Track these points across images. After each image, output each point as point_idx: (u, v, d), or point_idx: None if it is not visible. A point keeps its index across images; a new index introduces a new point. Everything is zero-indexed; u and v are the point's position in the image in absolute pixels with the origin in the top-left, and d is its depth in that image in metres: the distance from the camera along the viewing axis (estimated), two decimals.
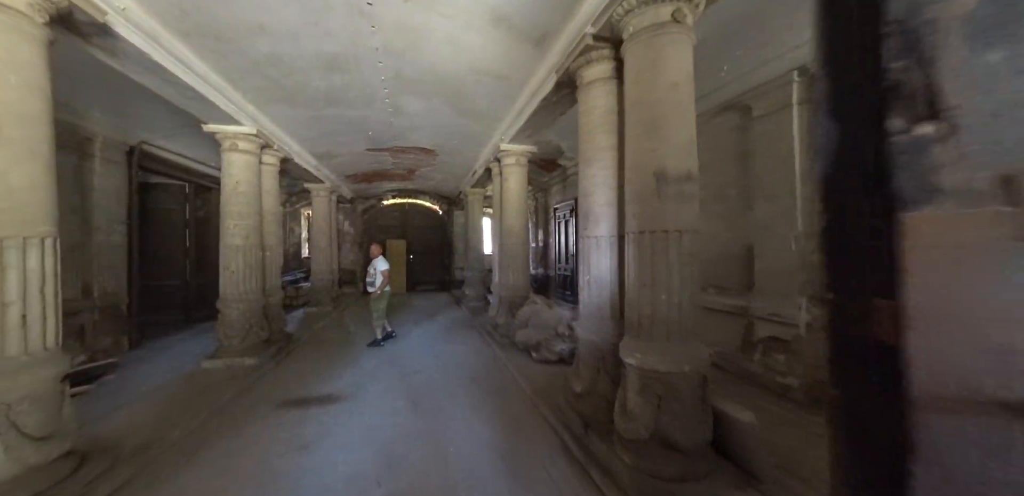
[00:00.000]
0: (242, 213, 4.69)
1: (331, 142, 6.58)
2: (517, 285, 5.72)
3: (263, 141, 4.91)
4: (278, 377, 4.33)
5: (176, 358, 4.91)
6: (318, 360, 4.96)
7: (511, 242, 5.74)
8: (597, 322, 2.87)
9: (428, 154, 7.70)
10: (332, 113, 5.29)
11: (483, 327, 6.62)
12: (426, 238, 12.93)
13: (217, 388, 3.82)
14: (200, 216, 7.28)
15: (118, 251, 5.17)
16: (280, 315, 5.54)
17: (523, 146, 5.65)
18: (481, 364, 4.76)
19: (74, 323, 4.55)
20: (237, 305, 4.60)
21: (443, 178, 9.97)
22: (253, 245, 4.79)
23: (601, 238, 2.87)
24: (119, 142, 5.09)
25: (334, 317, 7.97)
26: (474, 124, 5.70)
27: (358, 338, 6.21)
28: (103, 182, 4.94)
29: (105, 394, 3.66)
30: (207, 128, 4.52)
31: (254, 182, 4.83)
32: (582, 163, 3.02)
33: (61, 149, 4.66)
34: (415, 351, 5.40)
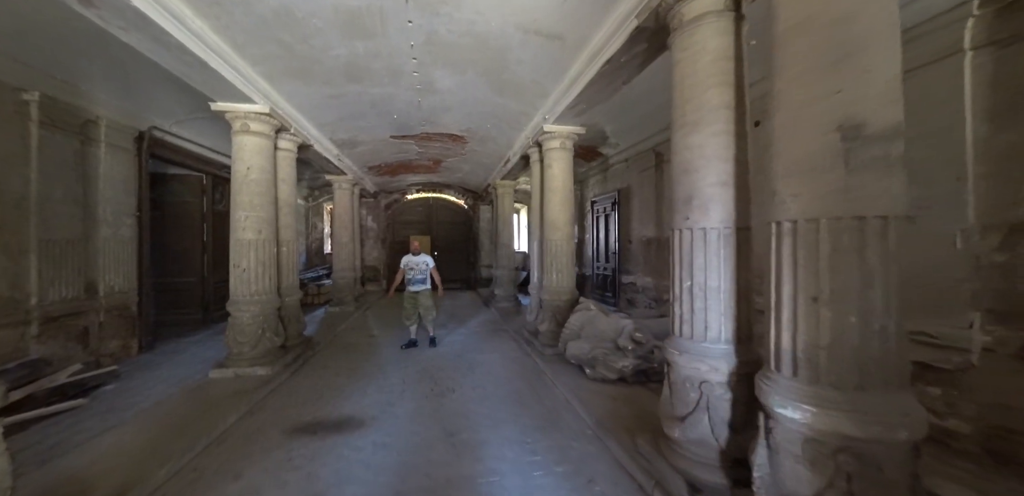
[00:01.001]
0: (254, 203, 4.14)
1: (353, 127, 6.00)
2: (561, 287, 4.97)
3: (278, 123, 4.34)
4: (293, 391, 3.76)
5: (185, 364, 4.44)
6: (339, 370, 4.38)
7: (555, 238, 4.99)
8: (704, 346, 2.10)
9: (457, 141, 7.03)
10: (354, 91, 4.67)
11: (519, 333, 5.92)
12: (451, 234, 12.35)
13: (222, 406, 3.27)
14: (219, 209, 6.87)
15: (127, 246, 4.75)
16: (298, 317, 5.01)
17: (569, 127, 4.88)
18: (524, 381, 4.05)
19: (77, 325, 4.13)
20: (248, 307, 4.06)
21: (471, 170, 9.30)
22: (267, 240, 4.25)
23: (711, 230, 2.09)
24: (127, 127, 4.64)
25: (357, 318, 7.46)
26: (512, 102, 4.97)
27: (383, 342, 5.64)
28: (110, 170, 4.50)
29: (97, 411, 3.17)
30: (215, 107, 3.98)
31: (268, 168, 4.28)
32: (680, 130, 2.24)
33: (58, 130, 4.01)
34: (447, 361, 4.75)
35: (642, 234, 6.57)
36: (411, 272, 5.24)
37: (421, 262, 5.28)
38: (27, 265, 3.68)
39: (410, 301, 5.26)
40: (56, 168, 3.88)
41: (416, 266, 5.25)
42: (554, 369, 4.25)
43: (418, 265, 5.26)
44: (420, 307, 5.26)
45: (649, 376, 3.76)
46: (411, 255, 5.31)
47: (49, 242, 3.83)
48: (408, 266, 5.26)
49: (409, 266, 5.25)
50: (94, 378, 3.61)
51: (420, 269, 5.27)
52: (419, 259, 5.29)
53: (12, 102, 3.56)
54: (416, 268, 5.25)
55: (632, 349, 3.63)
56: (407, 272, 5.25)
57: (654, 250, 6.22)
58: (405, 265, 5.27)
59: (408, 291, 5.27)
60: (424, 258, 5.31)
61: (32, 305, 3.71)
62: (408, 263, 5.26)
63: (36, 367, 3.53)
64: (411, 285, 5.24)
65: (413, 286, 5.25)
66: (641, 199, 6.59)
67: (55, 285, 3.89)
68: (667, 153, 5.71)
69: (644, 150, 6.27)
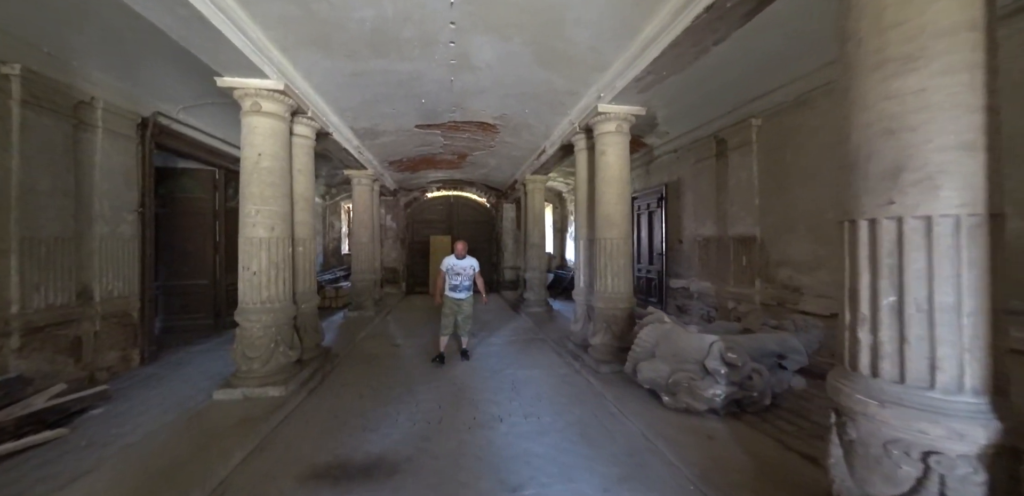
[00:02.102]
0: (266, 196, 3.55)
1: (376, 114, 5.41)
2: (618, 294, 4.25)
3: (293, 103, 3.76)
4: (310, 418, 3.15)
5: (189, 380, 3.88)
6: (361, 390, 3.75)
7: (610, 236, 4.28)
8: (932, 397, 1.37)
9: (487, 131, 6.39)
10: (379, 67, 4.06)
11: (560, 345, 5.22)
12: (472, 234, 11.70)
13: (226, 440, 2.67)
14: (231, 206, 6.38)
15: (127, 246, 4.23)
16: (315, 326, 4.42)
17: (628, 107, 4.17)
18: (583, 407, 3.35)
19: (67, 335, 3.61)
20: (259, 317, 3.47)
21: (497, 165, 8.66)
22: (280, 238, 3.66)
23: (941, 219, 1.36)
24: (128, 111, 4.13)
25: (377, 324, 6.87)
26: (560, 78, 4.28)
27: (409, 353, 5.01)
28: (107, 160, 3.99)
29: (73, 447, 2.60)
30: (222, 83, 3.41)
31: (282, 156, 3.69)
32: (873, 73, 1.51)
33: (45, 112, 3.31)
34: (485, 379, 4.08)
35: (697, 233, 5.80)
36: (456, 277, 4.63)
37: (467, 266, 4.66)
38: (6, 267, 3.16)
39: (451, 309, 4.66)
40: (43, 155, 3.37)
41: (463, 271, 4.63)
42: (616, 393, 3.55)
43: (464, 270, 4.64)
44: (460, 315, 4.68)
45: (743, 407, 3.02)
46: (455, 258, 4.67)
47: (33, 240, 3.31)
48: (452, 270, 4.63)
49: (454, 270, 4.63)
50: (79, 401, 3.06)
51: (466, 274, 4.65)
52: (465, 263, 4.66)
53: None
54: (462, 273, 4.63)
55: (725, 373, 2.89)
56: (450, 277, 4.64)
57: (714, 251, 5.44)
58: (448, 269, 4.64)
59: (450, 298, 4.66)
60: (471, 261, 4.70)
61: (12, 314, 3.19)
62: (452, 267, 4.63)
63: (12, 387, 3.00)
64: (455, 292, 4.64)
65: (457, 293, 4.64)
66: (696, 193, 5.82)
67: (40, 290, 3.36)
68: (732, 139, 4.96)
69: (702, 137, 5.51)
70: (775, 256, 4.44)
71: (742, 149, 4.81)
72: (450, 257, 4.72)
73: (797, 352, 3.05)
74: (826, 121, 3.78)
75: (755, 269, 4.67)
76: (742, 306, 4.82)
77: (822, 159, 3.83)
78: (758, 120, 4.56)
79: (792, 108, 4.14)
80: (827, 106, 3.77)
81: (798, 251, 4.12)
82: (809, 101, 3.94)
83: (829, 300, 3.71)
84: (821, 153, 3.85)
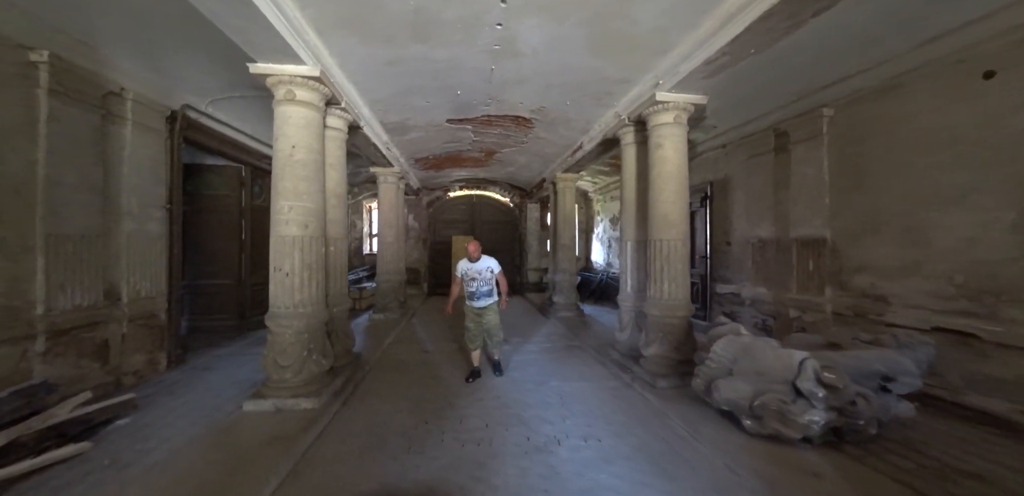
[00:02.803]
0: (299, 191, 3.30)
1: (407, 107, 5.15)
2: (676, 301, 3.86)
3: (328, 92, 3.50)
4: (346, 434, 2.86)
5: (216, 387, 3.66)
6: (398, 403, 3.46)
7: (667, 237, 3.90)
8: None
9: (521, 126, 6.07)
10: (416, 54, 3.78)
11: (603, 354, 4.86)
12: (495, 234, 11.41)
13: (257, 461, 2.40)
14: (258, 204, 6.23)
15: (155, 244, 4.05)
16: (346, 331, 4.17)
17: (689, 96, 3.79)
18: (646, 428, 2.98)
19: (93, 338, 3.43)
20: (291, 322, 3.21)
21: (526, 162, 8.33)
22: (314, 236, 3.40)
23: None
24: (157, 103, 3.95)
25: (404, 327, 6.61)
26: (611, 65, 3.93)
27: (440, 361, 4.71)
28: (136, 154, 3.81)
29: (96, 465, 2.36)
30: (255, 69, 3.17)
31: (316, 148, 3.44)
32: None
33: (73, 102, 3.09)
34: (529, 392, 3.75)
35: (751, 234, 5.35)
36: (472, 283, 3.99)
37: (484, 269, 3.99)
38: (31, 266, 2.98)
39: (474, 320, 4.07)
40: (69, 147, 3.19)
41: (479, 275, 3.97)
42: (680, 412, 3.17)
43: (481, 273, 3.98)
44: (486, 326, 4.05)
45: (841, 436, 2.60)
46: (468, 262, 4.03)
47: (59, 237, 3.12)
48: (467, 275, 4.00)
49: (469, 275, 4.00)
50: (104, 411, 2.84)
51: (484, 278, 3.99)
52: (481, 265, 3.99)
53: (15, 62, 2.87)
54: (479, 277, 3.98)
55: (823, 397, 2.49)
56: (466, 283, 4.03)
57: (771, 254, 4.99)
58: (463, 274, 4.03)
59: (470, 307, 4.06)
60: (487, 262, 4.02)
61: (37, 315, 3.01)
62: (467, 271, 4.01)
63: (35, 395, 2.80)
64: (474, 299, 4.01)
65: (477, 301, 4.01)
66: (749, 191, 5.37)
67: (66, 290, 3.18)
68: (796, 132, 4.52)
69: (756, 131, 5.07)
70: (851, 261, 3.98)
71: (809, 142, 4.36)
72: (463, 261, 4.08)
73: (908, 374, 2.63)
74: (923, 107, 3.33)
75: (824, 275, 4.21)
76: (808, 315, 4.37)
77: (918, 150, 3.38)
78: (830, 110, 4.11)
79: (877, 95, 3.69)
80: (924, 90, 3.31)
81: (883, 255, 3.66)
82: (901, 86, 3.48)
83: (928, 312, 3.25)
84: (917, 143, 3.39)
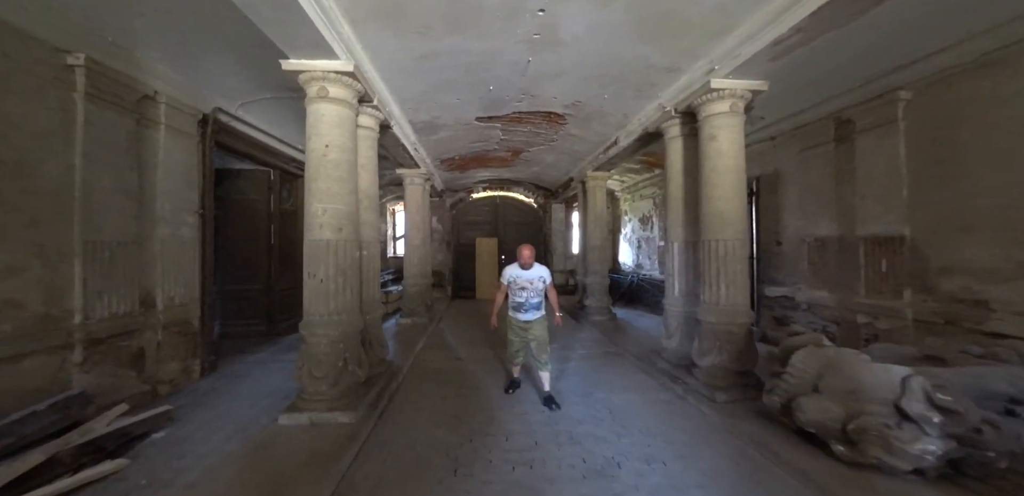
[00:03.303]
0: (332, 192, 3.14)
1: (437, 105, 4.98)
2: (734, 306, 3.53)
3: (361, 89, 3.34)
4: (387, 453, 2.66)
5: (249, 397, 3.54)
6: (436, 416, 3.25)
7: (723, 237, 3.57)
8: None
9: (553, 123, 5.82)
10: (450, 47, 3.58)
11: (647, 362, 4.53)
12: (519, 236, 11.14)
13: (295, 482, 2.23)
14: (286, 208, 6.20)
15: (188, 249, 3.99)
16: (380, 339, 4.01)
17: (749, 81, 3.46)
18: (713, 450, 2.66)
19: (130, 346, 3.36)
20: (327, 331, 3.05)
21: (553, 161, 8.07)
22: (348, 240, 3.24)
23: None
24: (189, 107, 3.90)
25: (433, 332, 6.43)
26: (658, 52, 3.63)
27: (475, 369, 4.49)
28: (169, 158, 3.75)
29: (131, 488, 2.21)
30: (287, 66, 3.03)
31: (349, 147, 3.28)
32: None
33: (109, 106, 2.99)
34: (575, 404, 3.47)
35: (806, 232, 4.93)
36: (521, 293, 3.52)
37: (536, 278, 3.52)
38: (69, 273, 2.92)
39: (518, 334, 3.59)
40: (105, 152, 3.13)
41: (530, 284, 3.51)
42: (750, 431, 2.84)
43: (532, 283, 3.51)
44: (532, 342, 3.57)
45: (962, 469, 2.22)
46: (518, 268, 3.55)
47: (96, 244, 3.06)
48: (516, 284, 3.53)
49: (518, 284, 3.52)
50: (141, 424, 2.73)
51: (535, 289, 3.52)
52: (533, 274, 3.52)
53: (52, 66, 2.81)
54: (530, 287, 3.51)
55: (939, 422, 2.12)
56: (514, 292, 3.56)
57: (832, 254, 4.57)
58: (511, 281, 3.55)
59: (515, 320, 3.59)
60: (540, 271, 3.55)
61: (75, 324, 2.94)
62: (516, 279, 3.53)
63: (73, 407, 2.72)
64: (520, 311, 3.55)
65: (524, 314, 3.54)
66: (803, 186, 4.95)
67: (103, 298, 3.11)
68: (864, 119, 4.10)
69: (813, 120, 4.66)
70: (936, 261, 3.55)
71: (880, 130, 3.94)
72: (511, 267, 3.59)
73: None
74: None
75: (902, 276, 3.78)
76: (881, 322, 3.94)
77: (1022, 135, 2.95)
78: (907, 93, 3.69)
79: (969, 73, 3.26)
80: None
81: (979, 255, 3.22)
82: (1001, 62, 3.06)
83: None
84: (1020, 128, 2.96)
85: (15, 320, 2.62)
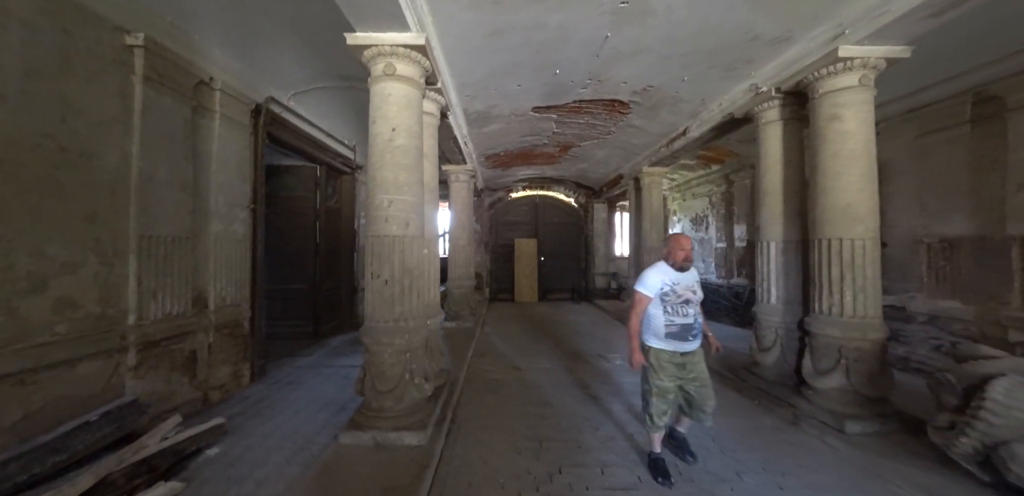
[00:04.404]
0: (399, 182, 2.79)
1: (496, 93, 4.61)
2: (865, 319, 2.93)
3: (428, 67, 2.99)
4: (465, 486, 2.26)
5: (304, 409, 3.25)
6: (511, 438, 2.82)
7: (847, 235, 2.97)
8: None
9: (615, 112, 5.34)
10: (525, 20, 3.19)
11: (738, 377, 3.95)
12: (559, 237, 10.72)
13: None
14: (331, 206, 6.00)
15: (240, 246, 3.78)
16: (439, 347, 3.65)
17: (888, 47, 2.87)
18: None
19: (182, 349, 3.13)
20: (392, 339, 2.70)
21: (604, 157, 7.57)
22: (414, 237, 2.89)
23: None
24: (243, 95, 3.68)
25: (480, 338, 6.06)
26: (769, 20, 3.10)
27: (536, 381, 4.05)
28: (224, 149, 3.55)
29: None
30: (353, 40, 2.71)
31: (416, 132, 2.93)
32: None
33: (167, 92, 2.67)
34: None
35: (925, 232, 4.21)
36: (684, 309, 2.30)
37: (692, 282, 2.38)
38: (123, 270, 2.70)
39: (672, 375, 2.31)
40: (162, 141, 2.91)
41: (692, 294, 2.34)
42: (911, 476, 2.27)
43: (695, 292, 2.36)
44: (693, 384, 2.33)
45: None
46: (671, 270, 2.35)
47: (151, 239, 2.84)
48: (675, 293, 2.30)
49: (679, 295, 2.30)
50: (195, 439, 2.46)
51: (692, 299, 2.33)
52: (691, 278, 2.38)
53: (112, 46, 2.60)
54: (693, 299, 2.33)
55: None
56: (670, 308, 2.29)
57: (966, 257, 3.85)
58: (667, 291, 2.30)
59: (667, 352, 2.32)
60: (695, 274, 2.43)
61: (129, 325, 2.72)
62: (674, 287, 2.30)
63: (127, 415, 2.48)
64: (682, 338, 2.29)
65: (689, 342, 2.30)
66: (922, 178, 4.24)
67: (157, 297, 2.89)
68: (1018, 93, 3.39)
69: (943, 98, 3.95)
70: None
71: None
72: (659, 270, 2.35)
73: None
74: None
75: None
76: None
77: None
78: None
79: None
80: None
81: None
82: None
83: None
84: None
85: (71, 321, 2.40)
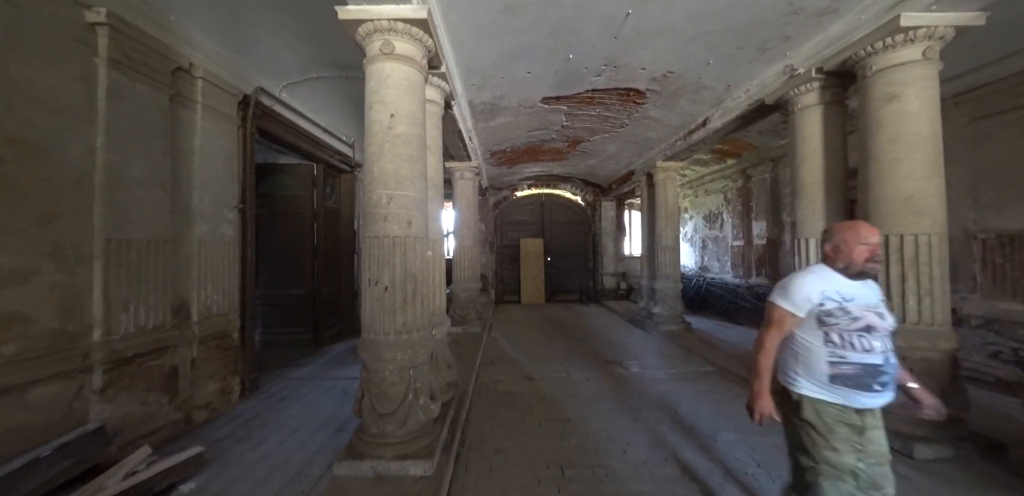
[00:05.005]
0: (400, 175, 2.46)
1: (503, 81, 4.26)
2: (931, 327, 2.55)
3: (431, 46, 2.66)
4: None
5: (297, 430, 2.91)
6: (532, 465, 2.47)
7: (909, 231, 2.59)
8: None
9: (629, 102, 4.99)
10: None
11: None
12: (566, 236, 10.37)
13: None
14: (329, 206, 5.68)
15: (227, 250, 3.45)
16: (447, 359, 3.30)
17: (959, 13, 2.50)
18: None
19: (161, 366, 2.81)
20: (393, 355, 2.35)
21: (615, 152, 7.21)
22: (418, 237, 2.55)
23: None
24: (228, 85, 3.36)
25: (488, 344, 5.71)
26: None
27: (552, 393, 3.69)
28: (207, 144, 3.23)
29: None
30: (345, 14, 2.38)
31: (419, 120, 2.59)
32: None
33: (140, 77, 2.30)
34: (708, 450, 2.60)
35: (981, 226, 3.83)
36: (868, 340, 1.38)
37: (875, 298, 1.46)
38: (86, 279, 2.37)
39: (850, 443, 1.37)
40: (135, 133, 2.59)
41: (868, 314, 1.39)
42: None
43: (874, 314, 1.40)
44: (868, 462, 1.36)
45: None
46: (836, 274, 1.47)
47: (122, 243, 2.52)
48: (848, 313, 1.39)
49: (844, 309, 1.40)
50: (168, 473, 2.13)
51: (878, 325, 1.39)
52: (871, 292, 1.46)
53: (72, 23, 2.28)
54: (868, 319, 1.38)
55: None
56: (836, 334, 1.40)
57: None
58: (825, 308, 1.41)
59: (841, 407, 1.40)
60: (877, 288, 1.51)
61: (95, 342, 2.40)
62: (843, 302, 1.41)
63: (91, 448, 2.16)
64: (866, 388, 1.36)
65: (877, 394, 1.37)
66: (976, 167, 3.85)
67: (129, 309, 2.57)
68: None
69: (998, 78, 3.57)
70: None
71: None
72: (818, 271, 1.49)
73: None
74: None
75: None
76: None
77: None
78: None
79: None
80: None
81: None
82: None
83: None
84: None
85: (22, 339, 2.08)
